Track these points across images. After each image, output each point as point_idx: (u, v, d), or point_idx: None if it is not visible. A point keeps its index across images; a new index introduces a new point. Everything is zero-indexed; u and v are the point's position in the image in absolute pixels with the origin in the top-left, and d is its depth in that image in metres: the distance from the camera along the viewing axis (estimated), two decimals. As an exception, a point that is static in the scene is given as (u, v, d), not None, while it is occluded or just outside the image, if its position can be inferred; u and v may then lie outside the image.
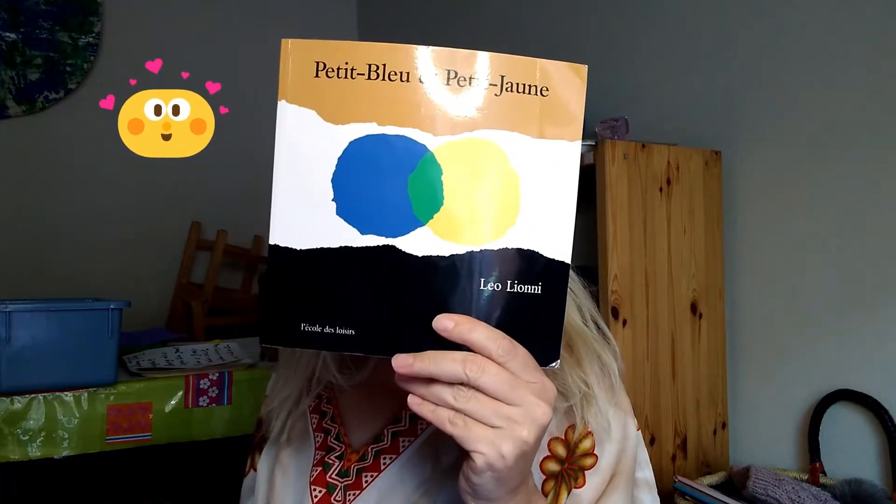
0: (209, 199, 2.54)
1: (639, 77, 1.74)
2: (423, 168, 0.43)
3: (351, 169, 0.43)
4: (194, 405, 1.51)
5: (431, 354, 0.43)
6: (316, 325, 0.44)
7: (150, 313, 2.31)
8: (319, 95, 0.43)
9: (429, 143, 0.43)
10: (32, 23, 2.32)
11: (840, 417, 1.32)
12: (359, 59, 0.43)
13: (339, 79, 0.43)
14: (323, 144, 0.43)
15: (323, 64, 0.43)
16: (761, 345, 1.47)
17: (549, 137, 0.44)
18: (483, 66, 0.43)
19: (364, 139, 0.43)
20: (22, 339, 1.32)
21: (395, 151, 0.43)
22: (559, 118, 0.44)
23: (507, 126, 0.43)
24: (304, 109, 0.44)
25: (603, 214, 1.34)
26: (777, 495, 1.16)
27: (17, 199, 2.32)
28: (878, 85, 1.29)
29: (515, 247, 0.44)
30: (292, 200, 0.44)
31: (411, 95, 0.43)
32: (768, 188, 1.46)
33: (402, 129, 0.43)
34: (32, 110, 2.34)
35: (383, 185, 0.43)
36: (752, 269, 1.49)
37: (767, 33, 1.47)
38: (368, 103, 0.43)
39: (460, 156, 0.43)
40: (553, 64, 0.44)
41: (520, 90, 0.43)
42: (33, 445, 1.35)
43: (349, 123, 0.43)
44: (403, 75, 0.43)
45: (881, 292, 1.28)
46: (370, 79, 0.43)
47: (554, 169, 0.44)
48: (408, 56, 0.43)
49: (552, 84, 0.44)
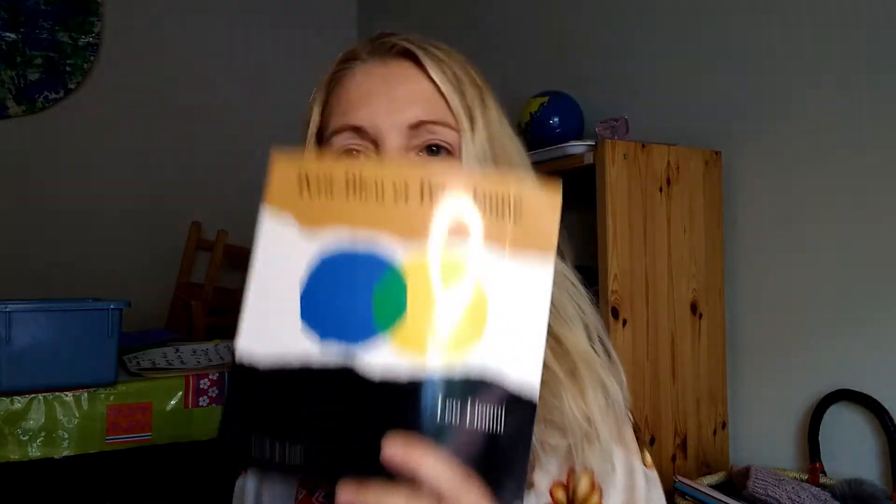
0: (209, 199, 2.55)
1: (639, 77, 1.74)
2: (389, 279, 0.43)
3: (320, 274, 0.44)
4: (194, 405, 1.51)
5: (376, 489, 0.40)
6: (267, 447, 0.43)
7: (150, 313, 2.31)
8: (298, 205, 0.45)
9: (397, 255, 0.43)
10: (32, 23, 2.32)
11: (840, 417, 1.32)
12: (339, 173, 0.45)
13: (319, 193, 0.45)
14: (297, 248, 0.45)
15: (306, 178, 0.45)
16: (761, 345, 1.47)
17: (522, 257, 0.43)
18: (457, 181, 0.44)
19: (335, 249, 0.45)
20: (22, 339, 1.32)
21: (365, 261, 0.44)
22: (533, 238, 0.43)
23: (479, 241, 0.43)
24: (282, 215, 0.46)
25: (603, 214, 1.34)
26: (777, 495, 1.16)
27: (17, 199, 2.32)
28: (878, 85, 1.29)
29: (479, 372, 0.42)
30: (262, 300, 0.45)
31: (384, 210, 0.44)
32: (768, 188, 1.46)
33: (372, 239, 0.44)
34: (32, 110, 2.34)
35: (349, 292, 0.44)
36: (752, 269, 1.49)
37: (767, 33, 1.47)
38: (343, 213, 0.45)
39: (427, 270, 0.43)
40: (529, 182, 0.44)
41: (492, 208, 0.43)
42: (33, 445, 1.35)
43: (322, 232, 0.45)
44: (379, 191, 0.44)
45: (881, 292, 1.28)
46: (348, 191, 0.45)
47: (524, 290, 0.43)
48: (384, 172, 0.45)
49: (526, 202, 0.43)
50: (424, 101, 0.59)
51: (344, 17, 2.95)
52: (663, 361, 1.40)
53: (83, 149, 2.42)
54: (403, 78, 0.60)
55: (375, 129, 0.58)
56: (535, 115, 1.64)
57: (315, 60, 0.69)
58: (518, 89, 1.87)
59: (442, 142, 0.59)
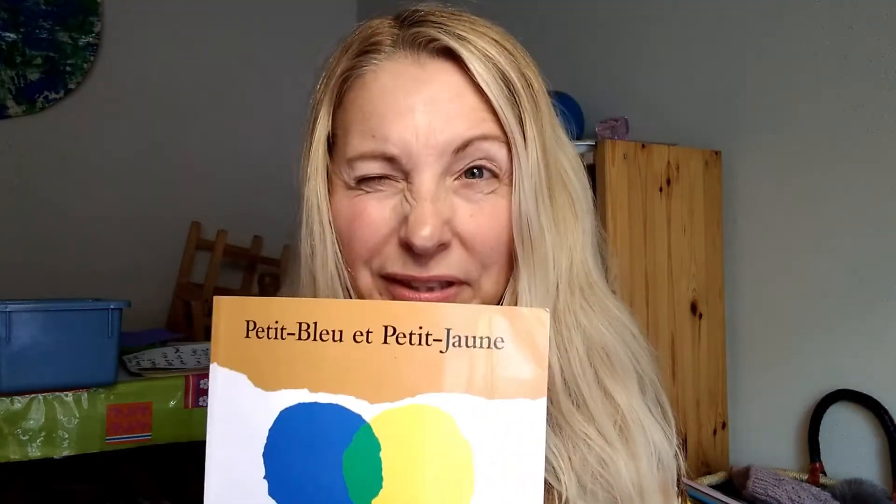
0: (209, 199, 2.54)
1: (639, 77, 1.74)
2: (360, 442, 0.38)
3: (283, 442, 0.39)
4: (194, 405, 1.51)
5: None
6: None
7: (150, 313, 2.31)
8: (249, 358, 0.40)
9: (365, 412, 0.38)
10: (32, 23, 2.32)
11: (840, 417, 1.32)
12: (289, 317, 0.40)
13: (269, 339, 0.40)
14: (254, 413, 0.40)
15: (253, 323, 0.40)
16: (761, 345, 1.47)
17: (506, 397, 0.38)
18: (425, 320, 0.38)
19: (295, 408, 0.39)
20: (22, 339, 1.32)
21: (329, 423, 0.38)
22: (517, 373, 0.38)
23: (456, 388, 0.38)
24: (234, 373, 0.40)
25: (603, 214, 1.34)
26: (777, 495, 1.16)
27: (17, 199, 2.32)
28: (878, 85, 1.29)
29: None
30: (225, 477, 0.40)
31: (345, 357, 0.38)
32: (768, 188, 1.46)
33: (336, 396, 0.38)
34: (32, 110, 2.34)
35: (317, 463, 0.38)
36: (752, 269, 1.49)
37: (767, 33, 1.47)
38: (299, 367, 0.39)
39: (401, 426, 0.38)
40: (508, 311, 0.39)
41: (469, 344, 0.38)
42: (33, 445, 1.35)
43: (280, 390, 0.39)
44: (336, 334, 0.39)
45: (881, 292, 1.28)
46: (300, 339, 0.39)
47: (513, 434, 0.37)
48: (340, 312, 0.39)
49: (507, 334, 0.38)
50: (471, 113, 0.49)
51: (344, 18, 2.94)
52: (663, 361, 1.40)
53: (83, 149, 2.41)
54: (443, 85, 0.49)
55: (410, 159, 0.48)
56: (535, 115, 1.64)
57: (316, 60, 0.61)
58: (518, 89, 1.87)
59: (487, 163, 0.50)
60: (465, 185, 0.50)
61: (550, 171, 0.52)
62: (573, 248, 0.54)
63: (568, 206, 0.54)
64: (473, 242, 0.50)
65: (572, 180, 0.55)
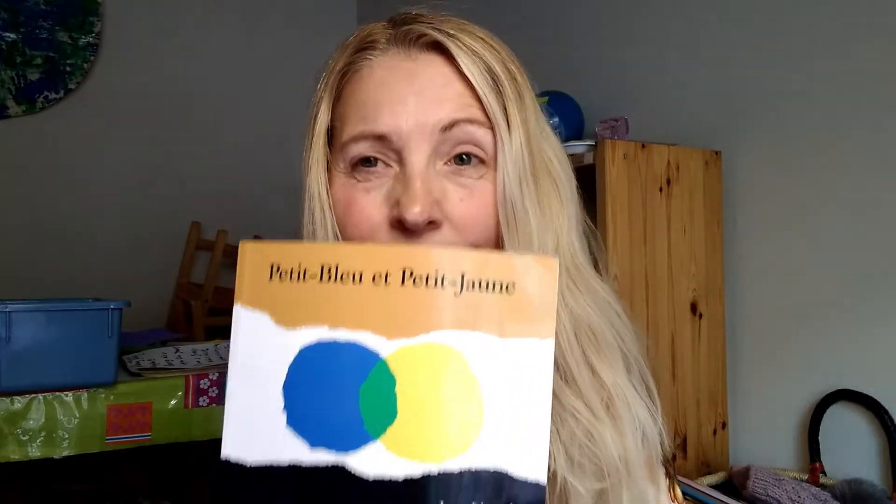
0: (209, 199, 2.54)
1: (639, 77, 1.74)
2: (376, 377, 0.40)
3: (302, 377, 0.41)
4: (194, 405, 1.51)
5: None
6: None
7: (150, 313, 2.31)
8: (273, 299, 0.42)
9: (381, 349, 0.40)
10: (32, 23, 2.32)
11: (840, 417, 1.32)
12: (312, 260, 0.42)
13: (291, 281, 0.42)
14: (275, 350, 0.42)
15: (277, 266, 0.42)
16: (761, 345, 1.47)
17: (516, 336, 0.40)
18: (441, 264, 0.40)
19: (315, 346, 0.41)
20: (22, 339, 1.32)
21: (347, 359, 0.41)
22: (528, 315, 0.40)
23: (468, 326, 0.40)
24: (257, 313, 0.42)
25: (603, 214, 1.34)
26: (777, 495, 1.16)
27: (17, 199, 2.32)
28: (878, 84, 1.29)
29: (479, 467, 0.39)
30: (244, 409, 0.42)
31: (363, 297, 0.41)
32: (768, 188, 1.46)
33: (354, 333, 0.41)
34: (32, 110, 2.34)
35: (334, 396, 0.41)
36: (752, 269, 1.49)
37: (767, 33, 1.47)
38: (320, 306, 0.41)
39: (416, 362, 0.40)
40: (520, 258, 0.41)
41: (482, 288, 0.40)
42: (33, 445, 1.35)
43: (300, 328, 0.41)
44: (356, 276, 0.41)
45: (881, 292, 1.28)
46: (322, 280, 0.41)
47: (522, 372, 0.40)
48: (360, 255, 0.41)
49: (519, 279, 0.40)
50: (457, 98, 0.53)
51: (345, 18, 2.95)
52: (663, 361, 1.40)
53: (83, 149, 2.42)
54: (433, 75, 0.53)
55: (400, 137, 0.52)
56: (535, 115, 1.64)
57: (316, 60, 0.64)
58: (518, 89, 1.87)
59: (474, 148, 0.53)
60: (455, 171, 0.53)
61: (534, 157, 0.55)
62: (559, 232, 0.56)
63: (553, 192, 0.57)
64: (464, 225, 0.52)
65: (557, 169, 0.58)
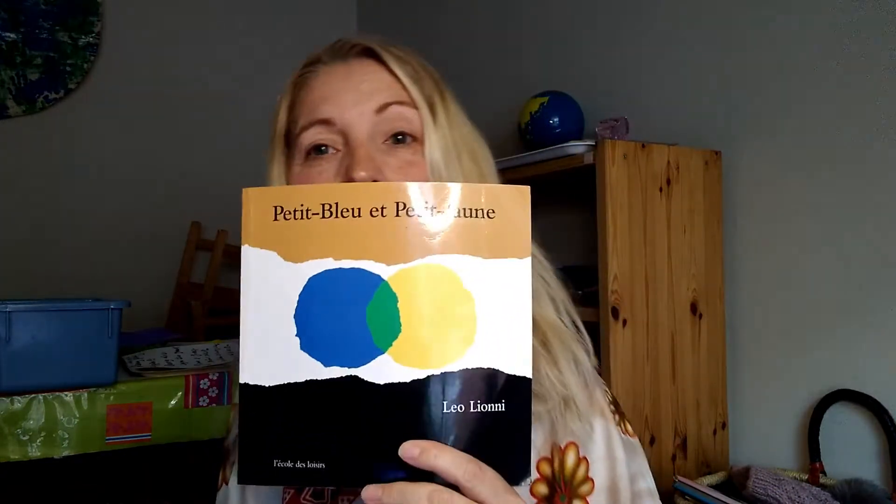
0: (209, 199, 2.54)
1: (639, 77, 1.74)
2: (380, 297, 0.45)
3: (312, 304, 0.45)
4: (194, 405, 1.51)
5: (399, 487, 0.43)
6: (288, 460, 0.45)
7: (150, 313, 2.31)
8: (279, 237, 0.46)
9: (382, 272, 0.45)
10: (32, 23, 2.32)
11: (840, 417, 1.32)
12: (313, 199, 0.46)
13: (296, 220, 0.46)
14: (284, 283, 0.45)
15: (280, 208, 0.46)
16: (761, 345, 1.47)
17: (500, 257, 0.46)
18: (430, 196, 0.45)
19: (322, 274, 0.45)
20: (22, 339, 1.32)
21: (352, 284, 0.45)
22: (507, 238, 0.46)
23: (458, 250, 0.45)
24: (265, 251, 0.46)
25: (603, 214, 1.34)
26: (777, 495, 1.16)
27: (17, 199, 2.32)
28: (877, 85, 1.29)
29: (476, 366, 0.45)
30: (259, 339, 0.46)
31: (363, 229, 0.45)
32: (768, 188, 1.46)
33: (357, 261, 0.45)
34: (32, 110, 2.34)
35: (343, 317, 0.45)
36: (752, 269, 1.49)
37: (767, 33, 1.47)
38: (324, 240, 0.45)
39: (415, 282, 0.45)
40: (498, 187, 0.46)
41: (467, 214, 0.45)
42: (33, 445, 1.35)
43: (307, 261, 0.45)
44: (355, 211, 0.45)
45: (881, 292, 1.28)
46: (324, 217, 0.45)
47: (506, 287, 0.46)
48: (358, 193, 0.46)
49: (498, 206, 0.46)
50: (387, 88, 0.62)
51: (345, 18, 2.95)
52: (663, 361, 1.40)
53: (83, 149, 2.42)
54: (365, 72, 0.63)
55: (343, 120, 0.60)
56: (535, 115, 1.64)
57: None
58: (518, 89, 1.88)
59: (406, 126, 0.61)
60: (392, 148, 0.61)
61: (456, 140, 0.62)
62: None
63: (475, 169, 0.64)
64: None
65: (478, 151, 0.65)
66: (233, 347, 1.70)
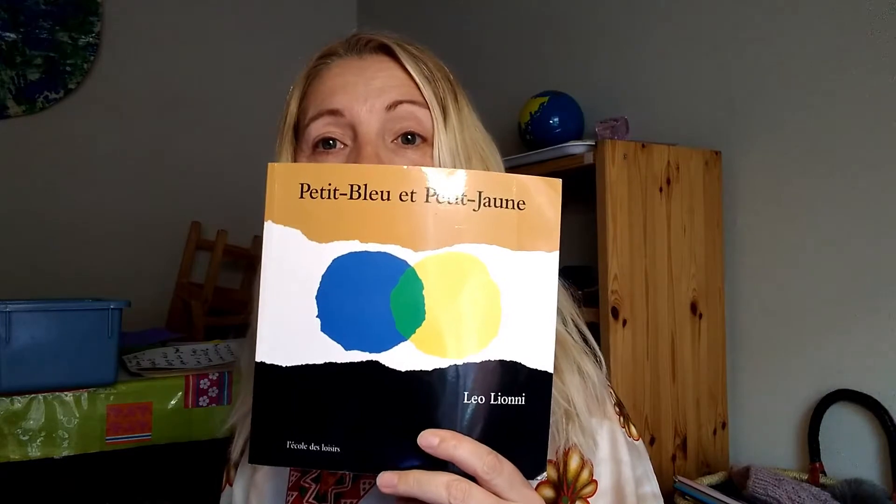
0: (209, 199, 2.55)
1: (639, 77, 1.74)
2: (405, 283, 0.44)
3: (334, 286, 0.44)
4: (194, 405, 1.51)
5: (416, 476, 0.42)
6: (301, 442, 0.44)
7: (150, 313, 2.31)
8: (304, 216, 0.45)
9: (409, 258, 0.44)
10: (32, 23, 2.32)
11: (840, 417, 1.32)
12: (341, 179, 0.44)
13: (322, 199, 0.44)
14: (307, 262, 0.44)
15: (307, 185, 0.45)
16: (761, 345, 1.47)
17: (528, 249, 0.45)
18: (461, 184, 0.44)
19: (347, 256, 0.44)
20: (22, 339, 1.32)
21: (377, 268, 0.44)
22: (536, 230, 0.45)
23: (486, 240, 0.44)
24: (289, 229, 0.45)
25: (603, 214, 1.34)
26: (777, 495, 1.16)
27: (17, 199, 2.32)
28: (878, 85, 1.29)
29: (498, 358, 0.44)
30: (278, 318, 0.45)
31: (391, 213, 0.44)
32: (768, 188, 1.46)
33: (384, 245, 0.44)
34: (32, 110, 2.34)
35: (366, 301, 0.44)
36: (752, 269, 1.49)
37: (768, 33, 1.47)
38: (351, 222, 0.44)
39: (441, 270, 0.44)
40: (529, 179, 0.46)
41: (497, 205, 0.45)
42: (33, 445, 1.35)
43: (332, 242, 0.44)
44: (384, 194, 0.44)
45: (881, 292, 1.28)
46: (352, 198, 0.44)
47: (533, 280, 0.45)
48: (387, 176, 0.44)
49: (528, 198, 0.45)
50: (400, 85, 0.61)
51: (345, 18, 2.95)
52: (663, 361, 1.40)
53: (83, 149, 2.42)
54: (379, 68, 0.62)
55: (352, 113, 0.59)
56: (535, 115, 1.64)
57: None
58: (518, 89, 1.88)
59: (416, 126, 0.60)
60: (400, 148, 0.60)
61: (466, 141, 0.61)
62: None
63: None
64: None
65: (487, 154, 0.64)
66: (233, 347, 1.70)
